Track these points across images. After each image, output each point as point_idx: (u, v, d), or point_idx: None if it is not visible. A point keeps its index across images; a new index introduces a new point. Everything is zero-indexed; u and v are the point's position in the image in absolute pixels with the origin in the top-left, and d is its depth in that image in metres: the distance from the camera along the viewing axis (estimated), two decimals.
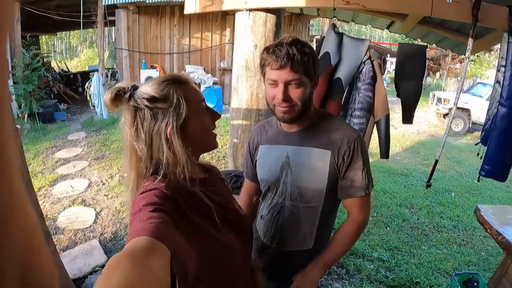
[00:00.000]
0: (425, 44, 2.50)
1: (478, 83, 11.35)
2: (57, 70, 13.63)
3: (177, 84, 0.95)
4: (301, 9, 4.94)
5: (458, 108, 9.88)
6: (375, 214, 4.34)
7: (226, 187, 1.21)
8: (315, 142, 1.35)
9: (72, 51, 28.72)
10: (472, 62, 16.60)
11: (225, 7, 2.66)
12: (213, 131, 1.05)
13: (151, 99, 0.91)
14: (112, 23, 9.39)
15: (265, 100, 1.35)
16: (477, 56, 15.91)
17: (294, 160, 1.37)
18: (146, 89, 0.92)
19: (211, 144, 1.05)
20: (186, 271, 0.78)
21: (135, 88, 0.94)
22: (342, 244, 1.41)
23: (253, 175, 1.58)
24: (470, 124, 10.08)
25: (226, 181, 1.25)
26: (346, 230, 1.41)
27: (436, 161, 2.51)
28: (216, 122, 1.06)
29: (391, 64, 18.03)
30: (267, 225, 1.48)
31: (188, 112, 0.93)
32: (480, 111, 9.49)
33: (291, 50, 1.19)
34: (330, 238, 1.47)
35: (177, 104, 0.92)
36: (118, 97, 0.90)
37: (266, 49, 1.26)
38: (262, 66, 1.28)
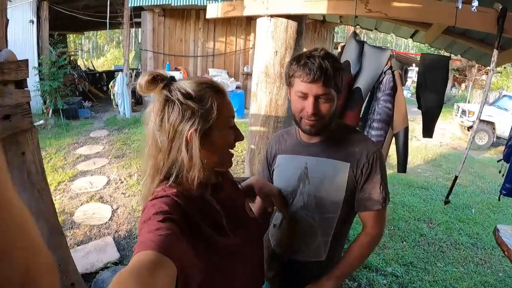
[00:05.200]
0: (448, 54, 2.43)
1: (504, 95, 11.03)
2: (83, 68, 13.98)
3: (215, 91, 0.94)
4: (324, 16, 4.91)
5: (483, 121, 9.62)
6: (392, 228, 4.25)
7: (238, 191, 1.21)
8: (335, 154, 1.34)
9: (99, 50, 29.41)
10: (499, 74, 16.12)
11: (246, 12, 2.67)
12: (231, 150, 1.02)
13: (186, 95, 0.90)
14: (138, 24, 9.58)
15: (290, 110, 1.34)
16: (504, 68, 15.44)
17: (313, 171, 1.36)
18: (184, 84, 0.92)
19: (226, 162, 1.03)
20: (189, 283, 0.79)
21: (173, 79, 0.94)
22: (356, 256, 1.39)
23: None
24: (495, 138, 9.77)
25: (239, 184, 1.25)
26: (362, 242, 1.39)
27: (456, 177, 2.43)
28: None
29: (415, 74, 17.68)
30: (281, 234, 1.47)
31: (216, 121, 0.92)
32: (505, 125, 9.20)
33: (324, 64, 1.17)
34: (344, 251, 1.45)
35: (208, 109, 0.91)
36: (154, 81, 0.89)
37: (296, 60, 1.24)
38: (291, 76, 1.26)
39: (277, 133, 1.60)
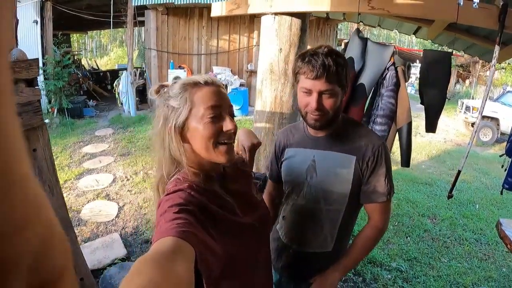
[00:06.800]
0: (450, 50, 2.45)
1: (508, 91, 10.94)
2: (87, 67, 14.05)
3: (192, 85, 0.95)
4: (327, 13, 4.91)
5: (487, 117, 9.56)
6: (396, 223, 4.27)
7: (245, 175, 1.22)
8: (341, 148, 1.39)
9: (103, 50, 29.39)
10: (503, 70, 16.00)
11: (251, 10, 2.70)
12: (224, 141, 0.95)
13: (168, 97, 0.96)
14: (142, 23, 9.59)
15: (297, 105, 1.38)
16: (508, 63, 15.33)
17: (320, 164, 1.41)
18: (171, 87, 0.98)
19: (216, 155, 0.95)
20: (211, 269, 0.81)
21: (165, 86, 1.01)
22: (362, 248, 1.45)
23: (277, 177, 1.62)
24: (499, 134, 9.70)
25: (246, 170, 1.26)
26: (367, 234, 1.44)
27: (459, 172, 2.45)
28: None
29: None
30: (289, 226, 1.52)
31: (189, 114, 0.93)
32: (509, 121, 9.14)
33: (327, 61, 1.22)
34: (350, 242, 1.50)
35: (180, 103, 0.94)
36: (159, 91, 1.00)
37: (301, 57, 1.29)
38: (296, 73, 1.32)
39: (285, 128, 1.65)
